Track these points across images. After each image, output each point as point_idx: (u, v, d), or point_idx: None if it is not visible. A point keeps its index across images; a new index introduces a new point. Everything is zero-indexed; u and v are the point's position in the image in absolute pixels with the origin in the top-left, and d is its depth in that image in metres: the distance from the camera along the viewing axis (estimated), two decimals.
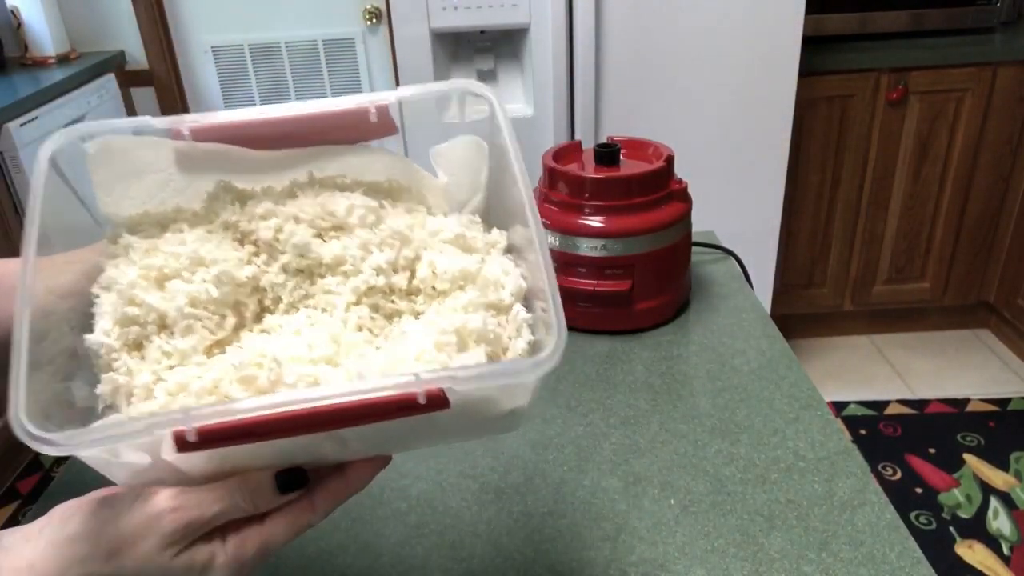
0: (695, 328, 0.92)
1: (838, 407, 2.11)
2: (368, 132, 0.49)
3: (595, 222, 0.89)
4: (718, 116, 1.82)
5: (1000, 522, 1.73)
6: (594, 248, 0.89)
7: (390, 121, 0.48)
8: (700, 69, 1.77)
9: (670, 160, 0.92)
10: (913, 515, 1.75)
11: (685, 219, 0.93)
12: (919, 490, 1.82)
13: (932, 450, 1.94)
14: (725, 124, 1.83)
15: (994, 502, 1.78)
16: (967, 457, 1.91)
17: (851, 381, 2.23)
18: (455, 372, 0.37)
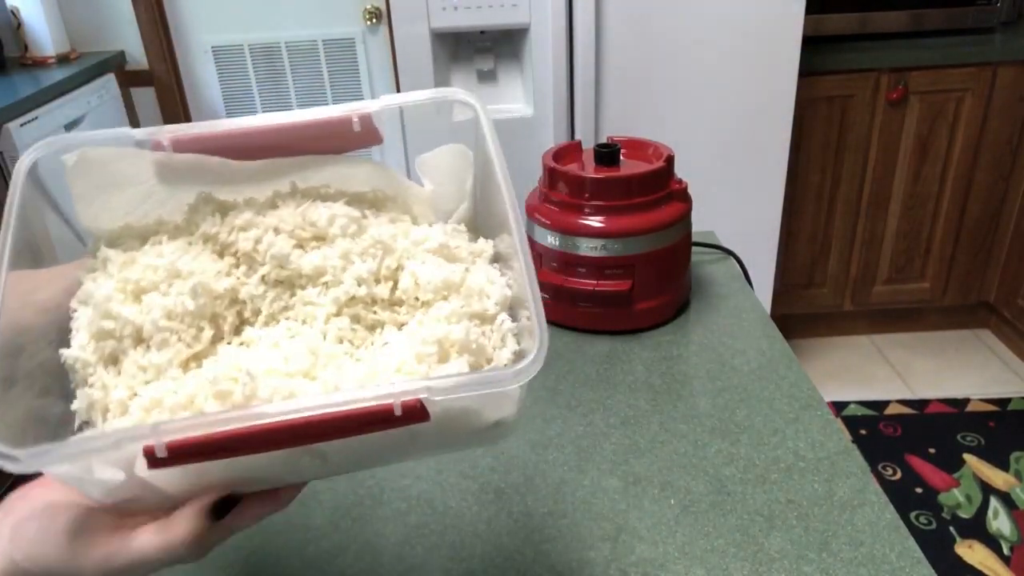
0: (695, 328, 0.92)
1: (838, 407, 2.11)
2: (352, 141, 0.48)
3: (595, 222, 0.89)
4: (718, 116, 1.82)
5: (1000, 522, 1.73)
6: (594, 248, 0.89)
7: (374, 130, 0.47)
8: (700, 69, 1.77)
9: (670, 160, 0.92)
10: (913, 515, 1.75)
11: (685, 219, 0.93)
12: (919, 490, 1.82)
13: (932, 450, 1.94)
14: (725, 124, 1.83)
15: (994, 502, 1.78)
16: (967, 457, 1.91)
17: (851, 381, 2.22)
18: (432, 382, 0.36)
